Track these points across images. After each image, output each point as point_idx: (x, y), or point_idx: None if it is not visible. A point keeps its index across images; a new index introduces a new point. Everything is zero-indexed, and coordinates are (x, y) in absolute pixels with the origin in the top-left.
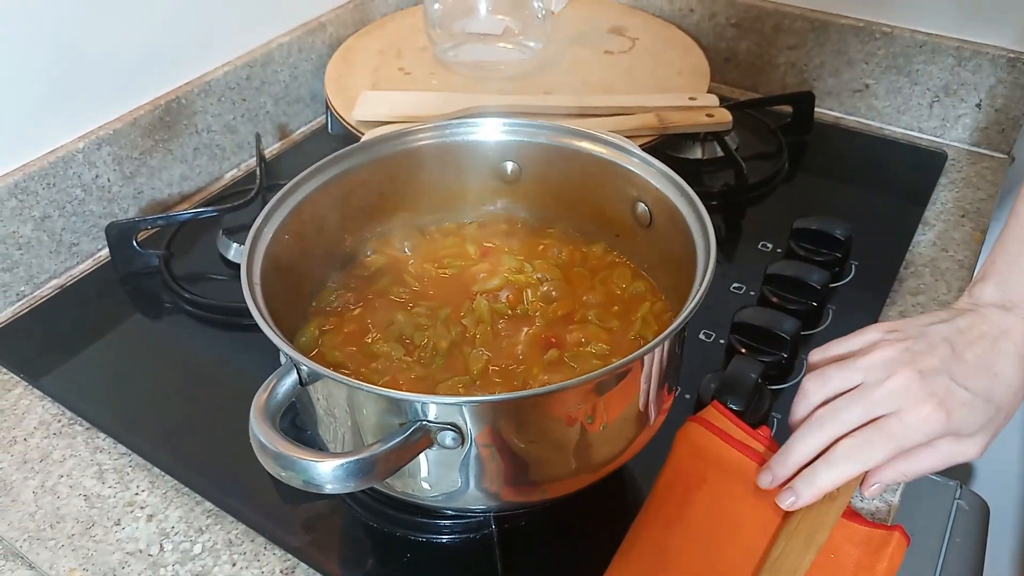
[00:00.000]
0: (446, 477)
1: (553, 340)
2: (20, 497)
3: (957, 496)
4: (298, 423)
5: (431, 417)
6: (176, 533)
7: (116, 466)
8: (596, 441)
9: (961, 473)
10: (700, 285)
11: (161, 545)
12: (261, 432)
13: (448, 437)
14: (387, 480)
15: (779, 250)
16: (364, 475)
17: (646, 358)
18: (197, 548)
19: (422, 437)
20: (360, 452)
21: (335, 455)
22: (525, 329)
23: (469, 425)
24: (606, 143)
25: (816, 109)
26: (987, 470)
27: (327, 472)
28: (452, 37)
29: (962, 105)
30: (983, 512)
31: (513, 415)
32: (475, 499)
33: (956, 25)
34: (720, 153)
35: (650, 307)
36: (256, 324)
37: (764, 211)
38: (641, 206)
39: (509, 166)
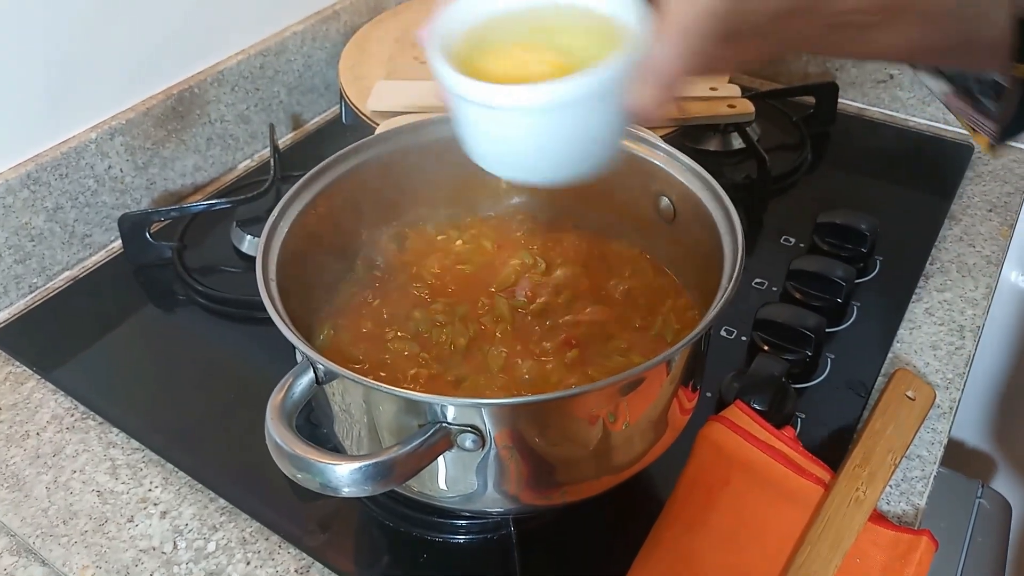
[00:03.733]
0: (464, 479)
1: (573, 339)
2: (33, 492)
3: (979, 495)
4: (312, 419)
5: (451, 419)
6: (190, 530)
7: (129, 461)
8: (619, 443)
9: (982, 471)
10: (728, 284)
11: (175, 543)
12: (277, 433)
13: (468, 439)
14: None
15: (802, 244)
16: (382, 478)
17: (672, 358)
18: (211, 546)
19: (442, 439)
20: (378, 455)
21: (353, 458)
22: (546, 326)
23: (489, 427)
24: (629, 135)
25: (839, 100)
26: (1009, 467)
27: (344, 475)
28: None
29: None
30: (1005, 511)
31: (535, 417)
32: (494, 501)
33: None
34: (739, 144)
35: (673, 304)
36: (271, 318)
37: (786, 204)
38: (664, 200)
39: None
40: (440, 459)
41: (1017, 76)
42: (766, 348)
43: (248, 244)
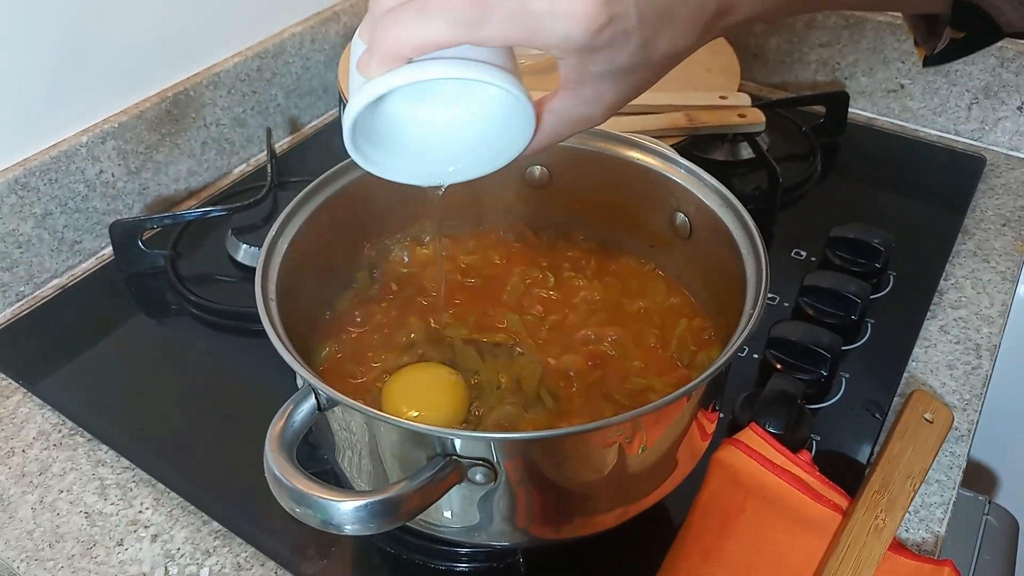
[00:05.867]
0: (472, 512)
1: (588, 358)
2: (18, 513)
3: (986, 512)
4: (310, 440)
5: (461, 451)
6: (182, 555)
7: (119, 481)
8: (638, 474)
9: (985, 485)
10: (754, 309)
11: (166, 568)
12: (277, 465)
13: (479, 473)
14: None
15: (813, 258)
16: (389, 516)
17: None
18: (204, 572)
19: (452, 473)
20: (385, 491)
21: (357, 494)
22: (558, 345)
23: (502, 460)
24: (646, 149)
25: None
26: (1014, 483)
27: (348, 512)
28: None
29: (1002, 107)
30: (1012, 528)
31: (551, 450)
32: (502, 535)
33: None
34: (748, 154)
35: (688, 324)
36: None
37: (796, 216)
38: (680, 216)
39: (537, 170)
40: None
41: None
42: (779, 367)
43: (244, 253)
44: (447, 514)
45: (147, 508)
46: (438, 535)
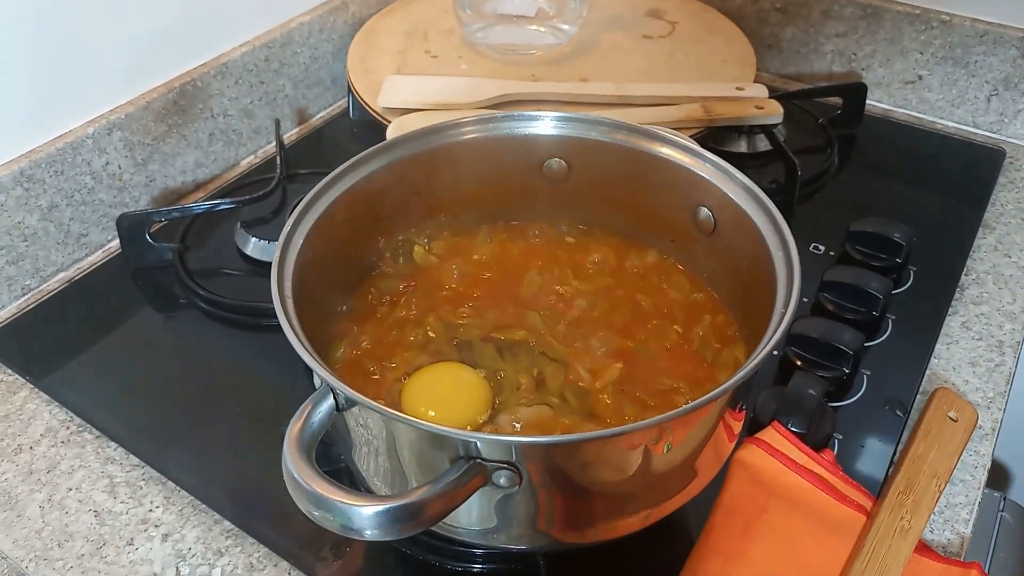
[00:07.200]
0: (493, 515)
1: (611, 355)
2: (26, 512)
3: (1000, 508)
4: (324, 438)
5: (485, 454)
6: (193, 555)
7: (128, 479)
8: (664, 477)
9: (999, 481)
10: (786, 309)
11: (177, 568)
12: (296, 467)
13: (503, 476)
14: None
15: (832, 253)
16: (411, 521)
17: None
18: (216, 573)
19: (476, 476)
20: (407, 496)
21: (379, 499)
22: (579, 342)
23: (526, 463)
24: (669, 142)
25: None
26: None
27: (369, 517)
28: (482, 18)
29: (1023, 99)
30: None
31: (578, 453)
32: (522, 538)
33: (1022, 14)
34: (765, 147)
35: (711, 320)
36: (279, 325)
37: (814, 210)
38: (704, 211)
39: (555, 163)
40: None
41: None
42: (800, 364)
43: (253, 246)
44: (466, 516)
45: (157, 507)
46: (455, 537)
